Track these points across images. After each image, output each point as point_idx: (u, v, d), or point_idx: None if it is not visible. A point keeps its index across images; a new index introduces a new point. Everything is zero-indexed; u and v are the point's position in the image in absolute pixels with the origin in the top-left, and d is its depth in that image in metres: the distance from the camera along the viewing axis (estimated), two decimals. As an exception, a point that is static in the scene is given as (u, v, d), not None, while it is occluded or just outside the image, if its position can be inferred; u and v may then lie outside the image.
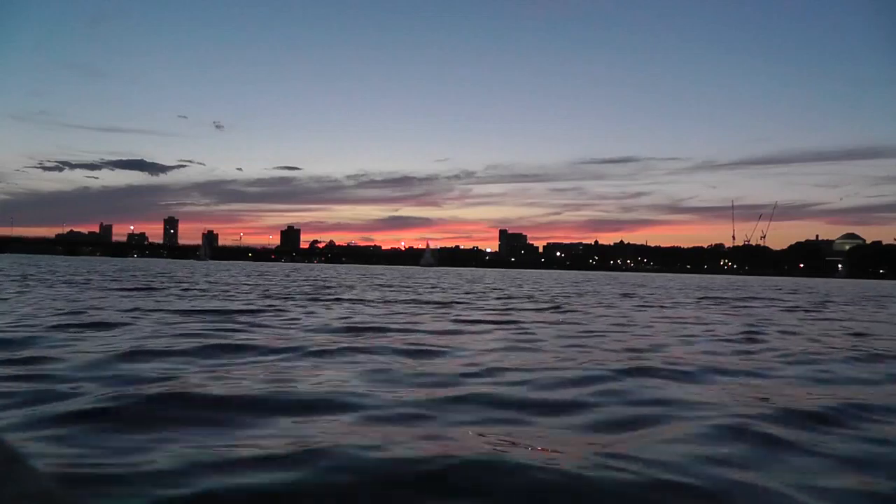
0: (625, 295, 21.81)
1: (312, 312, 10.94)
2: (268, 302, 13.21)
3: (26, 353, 5.38)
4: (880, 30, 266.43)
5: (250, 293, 16.51)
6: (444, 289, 23.04)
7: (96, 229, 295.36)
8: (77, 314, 9.17)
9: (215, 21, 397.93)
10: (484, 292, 20.98)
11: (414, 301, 15.17)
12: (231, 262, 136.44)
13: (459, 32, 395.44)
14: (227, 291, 17.17)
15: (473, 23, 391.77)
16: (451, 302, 15.21)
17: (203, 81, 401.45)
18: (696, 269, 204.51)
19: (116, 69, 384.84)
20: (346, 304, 13.35)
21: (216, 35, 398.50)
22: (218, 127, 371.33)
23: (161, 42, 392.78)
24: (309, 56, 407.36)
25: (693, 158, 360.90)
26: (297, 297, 15.50)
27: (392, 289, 21.86)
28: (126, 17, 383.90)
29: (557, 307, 14.14)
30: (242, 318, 9.35)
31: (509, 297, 18.04)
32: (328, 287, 21.74)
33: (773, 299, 21.71)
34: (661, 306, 15.79)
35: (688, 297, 21.41)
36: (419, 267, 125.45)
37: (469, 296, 18.44)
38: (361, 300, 14.88)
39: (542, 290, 23.89)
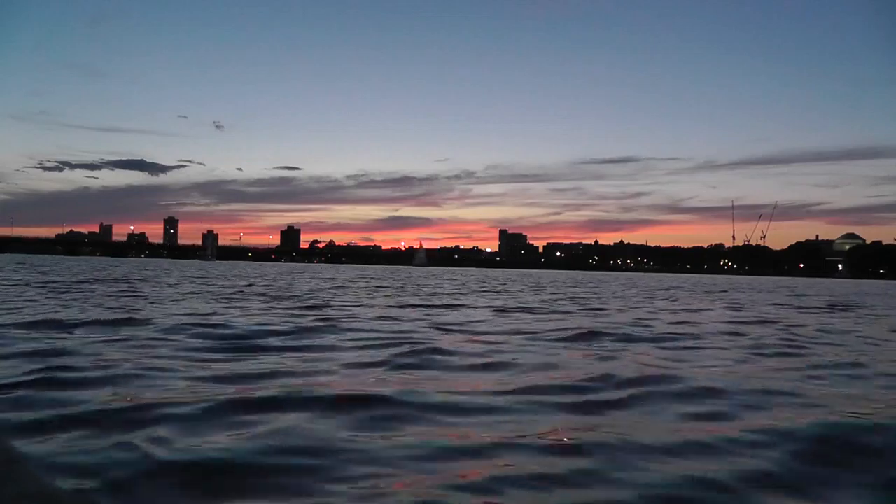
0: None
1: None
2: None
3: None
4: (880, 30, 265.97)
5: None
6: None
7: (96, 229, 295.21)
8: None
9: (215, 21, 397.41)
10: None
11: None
12: (233, 262, 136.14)
13: (459, 32, 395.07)
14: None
15: (473, 23, 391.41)
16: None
17: (203, 81, 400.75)
18: (696, 269, 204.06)
19: (116, 69, 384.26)
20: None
21: (216, 35, 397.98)
22: (218, 127, 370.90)
23: (161, 42, 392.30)
24: (309, 56, 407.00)
25: (693, 158, 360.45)
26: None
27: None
28: (126, 17, 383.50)
29: None
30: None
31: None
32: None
33: None
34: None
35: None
36: (413, 267, 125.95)
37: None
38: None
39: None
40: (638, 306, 16.07)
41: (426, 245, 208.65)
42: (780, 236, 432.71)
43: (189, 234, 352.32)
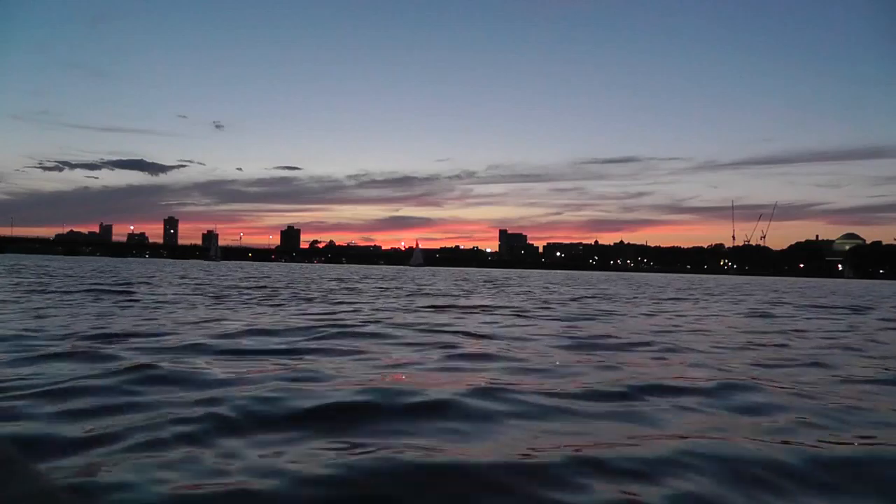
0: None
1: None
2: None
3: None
4: (880, 30, 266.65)
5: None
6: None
7: (96, 229, 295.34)
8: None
9: (215, 21, 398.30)
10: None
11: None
12: (235, 262, 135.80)
13: (460, 32, 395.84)
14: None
15: (474, 23, 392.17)
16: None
17: (203, 81, 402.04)
18: (696, 270, 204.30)
19: (116, 69, 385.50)
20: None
21: (216, 35, 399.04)
22: (218, 127, 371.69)
23: (161, 42, 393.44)
24: (309, 56, 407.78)
25: (694, 158, 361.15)
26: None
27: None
28: (126, 17, 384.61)
29: None
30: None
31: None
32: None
33: None
34: None
35: None
36: (411, 266, 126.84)
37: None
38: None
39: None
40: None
41: (426, 245, 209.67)
42: (780, 236, 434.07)
43: (189, 234, 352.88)
